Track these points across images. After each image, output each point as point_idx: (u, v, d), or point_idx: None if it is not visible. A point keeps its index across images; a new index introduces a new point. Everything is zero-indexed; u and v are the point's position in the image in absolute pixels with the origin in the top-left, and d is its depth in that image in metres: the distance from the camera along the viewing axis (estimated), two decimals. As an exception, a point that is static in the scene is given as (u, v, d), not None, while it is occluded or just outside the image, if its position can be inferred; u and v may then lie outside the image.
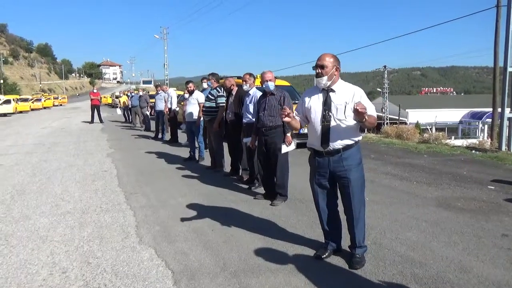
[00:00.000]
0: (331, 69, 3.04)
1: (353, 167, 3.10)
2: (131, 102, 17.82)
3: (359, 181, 3.14)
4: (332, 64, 3.05)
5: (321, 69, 3.04)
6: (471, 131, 42.57)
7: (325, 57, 3.07)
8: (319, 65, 3.04)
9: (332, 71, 3.05)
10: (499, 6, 13.31)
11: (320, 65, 3.04)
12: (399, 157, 8.42)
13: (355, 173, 3.11)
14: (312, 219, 4.27)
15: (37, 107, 37.12)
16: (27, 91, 62.71)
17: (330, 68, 3.03)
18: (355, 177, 3.11)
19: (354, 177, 3.10)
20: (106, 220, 4.47)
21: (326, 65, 3.03)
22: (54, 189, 5.94)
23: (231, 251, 3.52)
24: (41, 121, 21.59)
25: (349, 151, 3.09)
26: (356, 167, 3.12)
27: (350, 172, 3.09)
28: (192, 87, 8.19)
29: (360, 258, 3.16)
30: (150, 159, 8.65)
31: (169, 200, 5.25)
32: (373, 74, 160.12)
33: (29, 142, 12.05)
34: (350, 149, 3.09)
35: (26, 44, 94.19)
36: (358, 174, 3.13)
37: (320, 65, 3.04)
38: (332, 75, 3.06)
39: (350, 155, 3.09)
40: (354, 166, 3.11)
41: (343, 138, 3.06)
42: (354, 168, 3.10)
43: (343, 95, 3.05)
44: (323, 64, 3.03)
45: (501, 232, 3.87)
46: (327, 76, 3.04)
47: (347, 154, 3.08)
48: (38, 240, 3.88)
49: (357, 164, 3.13)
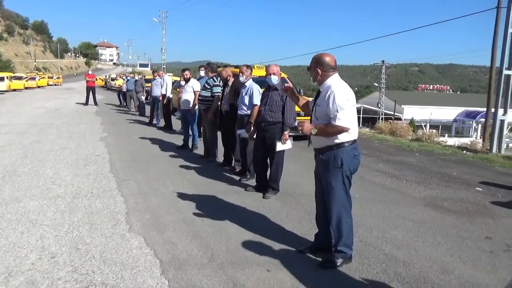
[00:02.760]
0: (313, 71, 3.15)
1: (328, 170, 3.07)
2: (126, 86, 17.68)
3: (333, 185, 3.05)
4: (316, 65, 3.13)
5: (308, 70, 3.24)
6: (464, 130, 42.88)
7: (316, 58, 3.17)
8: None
9: (313, 73, 3.15)
10: (500, 7, 13.31)
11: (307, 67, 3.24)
12: (391, 154, 8.50)
13: (329, 176, 3.07)
14: (301, 213, 4.33)
15: (31, 86, 36.67)
16: (22, 69, 61.89)
17: (313, 69, 3.15)
18: (328, 180, 3.08)
19: (328, 180, 3.09)
20: (96, 206, 4.48)
21: (311, 67, 3.18)
22: (45, 172, 5.93)
23: (220, 242, 3.57)
24: (35, 101, 21.38)
25: (329, 153, 3.07)
26: (332, 171, 3.05)
27: (325, 173, 3.11)
28: (188, 75, 8.15)
29: (333, 259, 3.12)
30: (143, 145, 8.64)
31: (160, 188, 5.28)
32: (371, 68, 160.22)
33: (22, 122, 11.95)
34: (330, 151, 3.07)
35: (22, 21, 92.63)
36: (333, 178, 3.05)
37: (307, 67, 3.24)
38: (316, 76, 3.14)
39: (329, 157, 3.07)
40: (330, 169, 3.06)
41: (318, 139, 3.12)
42: (329, 171, 3.06)
43: (322, 95, 3.11)
44: (309, 66, 3.21)
45: (485, 235, 3.95)
46: (312, 76, 3.17)
47: (327, 155, 3.09)
48: (28, 223, 3.89)
49: (334, 167, 3.04)
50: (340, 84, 3.07)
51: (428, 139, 11.09)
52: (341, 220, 3.12)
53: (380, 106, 42.52)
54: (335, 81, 3.09)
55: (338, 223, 3.12)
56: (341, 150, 3.05)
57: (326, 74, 3.10)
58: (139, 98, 15.76)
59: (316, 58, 3.14)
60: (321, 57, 3.12)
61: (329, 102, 2.97)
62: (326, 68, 3.09)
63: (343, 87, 3.04)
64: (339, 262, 3.12)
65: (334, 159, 3.05)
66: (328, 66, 3.08)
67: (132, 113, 16.30)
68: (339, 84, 3.06)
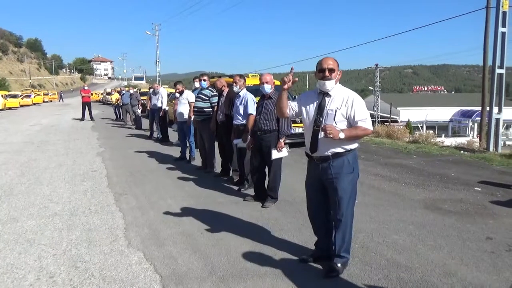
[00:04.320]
0: (337, 73, 3.03)
1: (341, 176, 3.03)
2: (122, 100, 17.69)
3: (347, 192, 3.05)
4: (338, 67, 3.04)
5: (331, 73, 2.98)
6: (461, 129, 43.10)
7: (332, 60, 3.02)
8: (329, 69, 2.97)
9: (338, 75, 3.05)
10: (489, 7, 13.45)
11: (330, 69, 2.97)
12: (388, 157, 8.50)
13: (343, 183, 3.03)
14: (301, 221, 4.30)
15: (26, 103, 36.69)
16: (17, 87, 61.97)
17: (337, 71, 3.02)
18: (343, 187, 3.03)
19: (342, 187, 3.04)
20: (94, 222, 4.45)
21: (335, 69, 3.00)
22: (42, 190, 5.89)
23: (220, 254, 3.54)
24: (31, 118, 21.36)
25: (340, 159, 3.04)
26: (345, 176, 3.04)
27: (338, 180, 3.03)
28: (180, 89, 8.16)
29: (335, 267, 3.10)
30: (140, 159, 8.61)
31: (159, 201, 5.24)
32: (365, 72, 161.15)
33: (18, 140, 11.92)
34: (340, 157, 3.03)
35: (16, 39, 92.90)
36: (346, 184, 3.04)
37: (330, 69, 2.97)
38: (338, 79, 3.06)
39: (340, 164, 3.04)
40: (344, 175, 3.03)
41: (332, 145, 3.01)
42: (342, 177, 3.03)
43: (336, 100, 3.02)
44: (333, 67, 2.99)
45: (486, 235, 3.93)
46: (335, 79, 3.02)
47: (337, 162, 3.04)
48: (26, 243, 3.85)
49: (347, 173, 3.04)
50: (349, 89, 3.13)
51: (425, 140, 11.09)
52: (348, 226, 3.13)
53: (376, 109, 42.71)
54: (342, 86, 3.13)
55: (345, 230, 3.12)
56: (351, 155, 3.07)
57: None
58: (135, 112, 15.75)
59: (336, 60, 3.05)
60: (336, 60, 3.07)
61: (355, 106, 2.95)
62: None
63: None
64: (339, 267, 3.11)
65: (347, 164, 3.04)
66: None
67: (129, 126, 16.28)
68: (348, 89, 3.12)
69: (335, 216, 3.12)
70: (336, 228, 3.14)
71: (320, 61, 3.04)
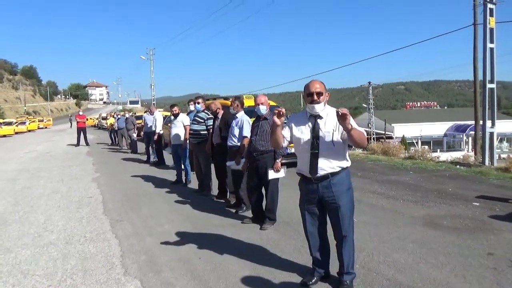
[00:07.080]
0: (325, 95, 3.07)
1: (342, 193, 3.09)
2: (117, 124, 17.69)
3: (348, 207, 3.12)
4: (325, 89, 3.09)
5: (319, 96, 3.02)
6: (455, 144, 43.37)
7: (318, 83, 3.07)
8: (317, 92, 3.02)
9: (326, 97, 3.09)
10: (476, 24, 13.78)
11: (318, 92, 3.02)
12: (385, 174, 8.50)
13: (344, 199, 3.10)
14: (300, 242, 4.25)
15: (21, 130, 36.62)
16: (11, 114, 61.91)
17: (324, 94, 3.07)
18: (344, 203, 3.09)
19: (344, 203, 3.09)
20: (90, 250, 4.36)
21: (322, 92, 3.05)
22: (37, 218, 5.80)
23: (219, 280, 3.47)
24: (25, 145, 21.25)
25: (338, 176, 3.09)
26: (346, 193, 3.11)
27: (339, 197, 3.08)
28: (176, 111, 8.19)
29: (348, 285, 3.13)
30: (136, 184, 8.54)
31: (155, 227, 5.17)
32: (358, 89, 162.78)
33: (12, 168, 11.81)
34: (338, 174, 3.09)
35: (11, 67, 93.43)
36: (347, 199, 3.12)
37: (318, 92, 3.02)
38: (326, 101, 3.10)
39: (339, 181, 3.09)
40: (344, 192, 3.10)
41: (331, 164, 3.06)
42: (343, 193, 3.10)
43: (330, 121, 3.04)
44: (320, 91, 3.03)
45: (487, 251, 3.90)
46: (323, 102, 3.06)
47: (336, 179, 3.08)
48: (20, 275, 3.76)
49: (346, 189, 3.12)
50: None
51: (421, 156, 11.12)
52: (352, 241, 3.19)
53: (370, 126, 42.99)
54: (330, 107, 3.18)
55: (350, 246, 3.16)
56: (346, 173, 3.14)
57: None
58: (130, 136, 15.72)
59: (322, 83, 3.10)
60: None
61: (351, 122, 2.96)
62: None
63: None
64: (349, 284, 3.14)
65: (345, 181, 3.12)
66: None
67: (124, 151, 16.22)
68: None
69: (339, 233, 3.13)
70: (341, 245, 3.15)
71: (308, 85, 3.09)
